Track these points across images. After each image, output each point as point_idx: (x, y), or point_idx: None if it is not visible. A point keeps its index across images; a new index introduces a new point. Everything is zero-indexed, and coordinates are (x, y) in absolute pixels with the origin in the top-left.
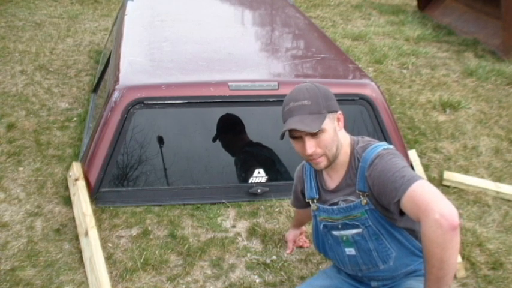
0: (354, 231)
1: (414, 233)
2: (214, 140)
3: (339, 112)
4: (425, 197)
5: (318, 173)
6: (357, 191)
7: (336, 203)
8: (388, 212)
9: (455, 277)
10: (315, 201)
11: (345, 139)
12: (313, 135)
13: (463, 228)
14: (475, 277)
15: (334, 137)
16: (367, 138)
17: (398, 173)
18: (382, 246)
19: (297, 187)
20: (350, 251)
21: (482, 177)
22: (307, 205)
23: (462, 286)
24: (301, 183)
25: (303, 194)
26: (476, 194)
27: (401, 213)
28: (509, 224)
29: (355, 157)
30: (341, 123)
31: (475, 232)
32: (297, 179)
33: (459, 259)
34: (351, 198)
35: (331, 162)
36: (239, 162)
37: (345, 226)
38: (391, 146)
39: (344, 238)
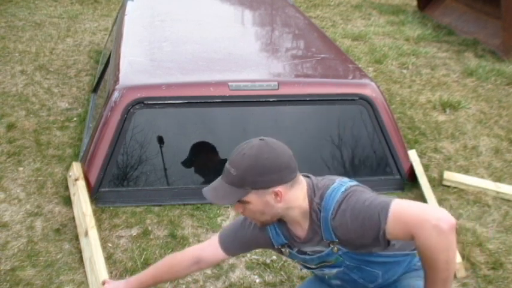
0: (334, 270)
1: (389, 247)
2: (185, 165)
3: (278, 189)
4: (410, 212)
5: (281, 222)
6: (324, 241)
7: (306, 252)
8: (363, 247)
9: (455, 277)
10: (286, 246)
11: (295, 201)
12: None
13: (463, 228)
14: (475, 277)
15: (265, 209)
16: (321, 182)
17: (368, 207)
18: (367, 273)
19: (254, 238)
20: (336, 282)
21: (482, 177)
22: (240, 252)
23: (462, 286)
24: (261, 233)
25: (268, 243)
26: (476, 194)
27: (389, 242)
28: (509, 224)
29: (315, 209)
30: (280, 198)
31: (475, 232)
32: (253, 230)
33: (459, 259)
34: (320, 248)
35: (266, 225)
36: None
37: (323, 268)
38: (348, 183)
39: (327, 276)
